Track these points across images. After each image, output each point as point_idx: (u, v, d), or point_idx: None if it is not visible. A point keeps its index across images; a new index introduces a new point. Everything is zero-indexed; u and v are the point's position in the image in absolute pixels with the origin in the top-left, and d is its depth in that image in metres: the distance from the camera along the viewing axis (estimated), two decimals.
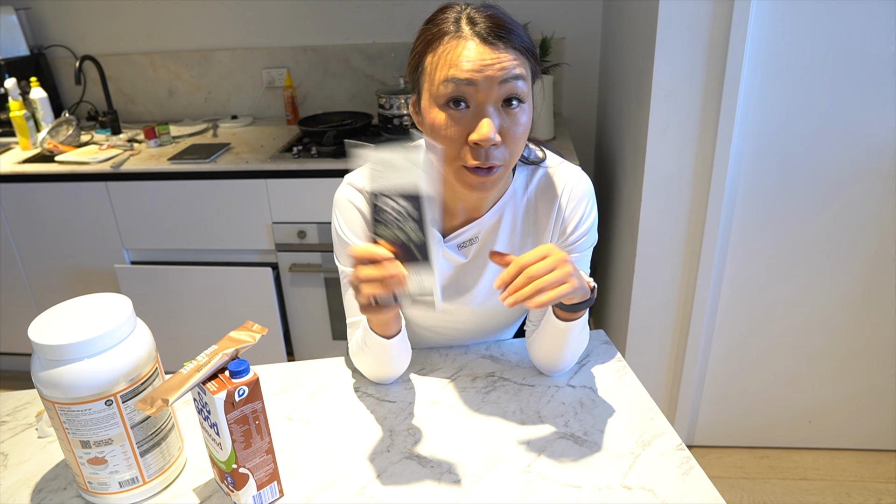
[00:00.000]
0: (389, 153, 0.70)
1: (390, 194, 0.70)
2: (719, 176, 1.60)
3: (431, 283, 0.73)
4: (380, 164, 0.70)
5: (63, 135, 2.30)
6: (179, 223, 2.14)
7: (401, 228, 0.71)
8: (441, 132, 0.81)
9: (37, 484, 0.83)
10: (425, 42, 0.83)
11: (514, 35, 0.80)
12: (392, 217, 0.71)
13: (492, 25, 0.79)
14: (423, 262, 0.72)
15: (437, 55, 0.81)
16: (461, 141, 0.81)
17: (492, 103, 0.79)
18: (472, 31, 0.79)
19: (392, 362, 0.94)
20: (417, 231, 0.71)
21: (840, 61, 1.49)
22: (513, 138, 0.82)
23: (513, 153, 0.83)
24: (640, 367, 1.92)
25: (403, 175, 0.70)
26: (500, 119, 0.80)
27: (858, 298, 1.75)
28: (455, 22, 0.81)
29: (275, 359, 2.27)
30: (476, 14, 0.80)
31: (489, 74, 0.78)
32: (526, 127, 0.83)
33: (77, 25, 2.57)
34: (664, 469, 0.81)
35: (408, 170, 0.70)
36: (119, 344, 0.73)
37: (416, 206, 0.70)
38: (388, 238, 0.72)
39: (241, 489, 0.75)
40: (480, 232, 0.96)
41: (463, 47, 0.79)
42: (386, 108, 2.19)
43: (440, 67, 0.80)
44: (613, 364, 1.03)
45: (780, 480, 1.86)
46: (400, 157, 0.70)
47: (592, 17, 2.34)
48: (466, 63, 0.78)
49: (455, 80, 0.78)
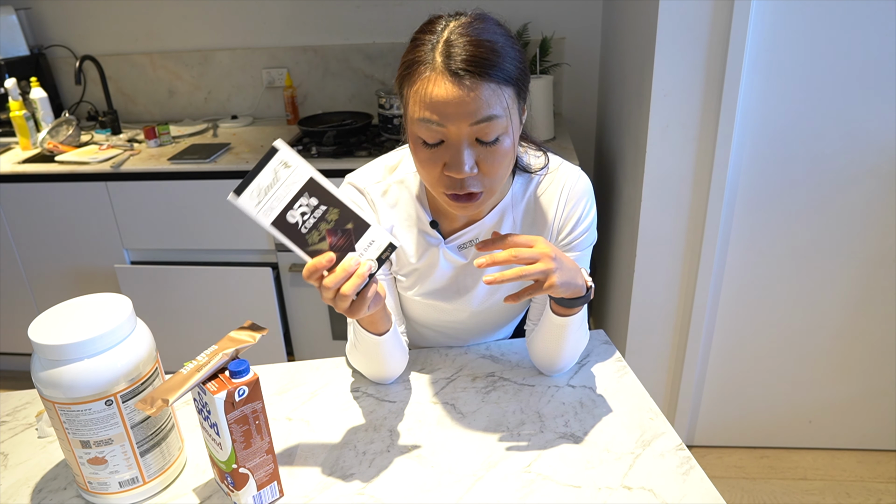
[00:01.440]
0: (255, 181, 0.70)
1: (287, 207, 0.71)
2: (719, 176, 1.60)
3: (381, 235, 0.73)
4: (258, 195, 0.70)
5: (63, 135, 2.30)
6: (179, 223, 2.14)
7: (322, 220, 0.72)
8: (419, 160, 0.82)
9: (37, 484, 0.83)
10: (405, 66, 0.81)
11: (490, 67, 0.75)
12: (306, 222, 0.71)
13: (467, 58, 0.74)
14: (361, 228, 0.73)
15: (413, 88, 0.79)
16: (438, 171, 0.81)
17: (465, 138, 0.78)
18: (444, 65, 0.75)
19: (385, 360, 0.94)
20: (333, 210, 0.72)
21: (840, 61, 1.49)
22: (491, 168, 0.81)
23: (493, 179, 0.82)
24: (640, 367, 1.92)
25: (281, 183, 0.70)
26: (476, 151, 0.80)
27: (858, 298, 1.75)
28: (431, 49, 0.77)
29: (275, 359, 2.27)
30: (456, 39, 0.76)
31: (459, 117, 0.76)
32: (506, 155, 0.81)
33: (77, 25, 2.57)
34: (664, 469, 0.81)
35: (278, 175, 0.70)
36: (119, 344, 0.73)
37: (313, 192, 0.71)
38: (321, 239, 0.72)
39: (241, 489, 0.75)
40: (481, 234, 0.97)
41: (433, 83, 0.76)
42: (386, 108, 2.19)
43: (413, 104, 0.79)
44: (613, 364, 1.03)
45: (780, 480, 1.86)
46: (266, 173, 0.70)
47: (592, 17, 2.34)
48: (436, 104, 0.76)
49: (426, 122, 0.78)
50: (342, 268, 0.71)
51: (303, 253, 0.72)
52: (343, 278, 0.71)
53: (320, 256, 0.72)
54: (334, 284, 0.71)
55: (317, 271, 0.72)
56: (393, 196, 0.97)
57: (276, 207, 0.70)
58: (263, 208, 0.70)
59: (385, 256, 0.74)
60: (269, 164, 0.70)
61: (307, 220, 0.71)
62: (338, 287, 0.72)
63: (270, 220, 0.71)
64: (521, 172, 0.97)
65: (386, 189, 0.97)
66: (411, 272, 0.99)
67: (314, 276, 0.72)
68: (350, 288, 0.71)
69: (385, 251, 0.74)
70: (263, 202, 0.70)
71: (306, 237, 0.72)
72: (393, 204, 0.97)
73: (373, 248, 0.73)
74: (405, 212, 0.96)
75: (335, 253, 0.72)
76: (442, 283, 0.99)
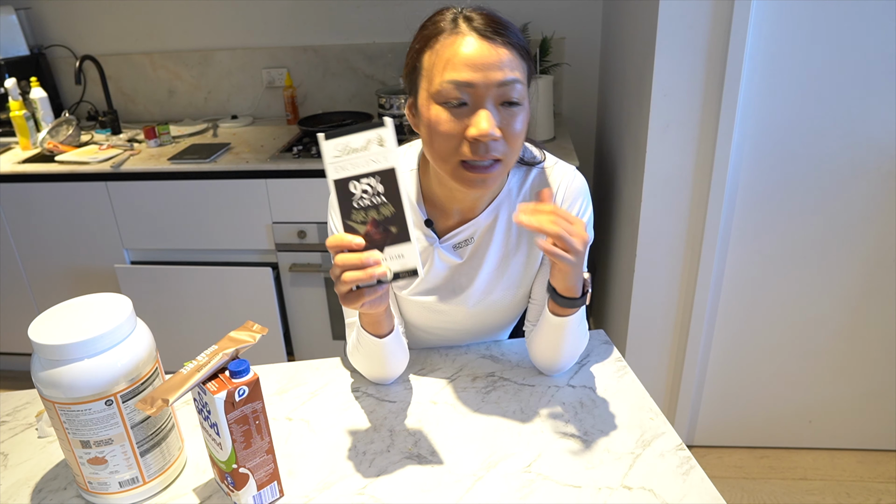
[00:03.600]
0: (348, 137, 0.70)
1: (357, 177, 0.70)
2: (719, 176, 1.60)
3: (412, 256, 0.72)
4: (340, 150, 0.70)
5: (63, 135, 2.30)
6: (179, 223, 2.14)
7: (373, 208, 0.71)
8: (440, 128, 0.82)
9: (37, 484, 0.83)
10: (423, 40, 0.84)
11: (510, 32, 0.81)
12: (362, 199, 0.71)
13: (488, 21, 0.80)
14: (401, 237, 0.72)
15: (435, 52, 0.81)
16: (459, 137, 0.81)
17: (490, 100, 0.80)
18: (469, 27, 0.80)
19: (387, 362, 0.94)
20: (390, 206, 0.71)
21: (840, 61, 1.49)
22: (511, 135, 0.82)
23: (512, 149, 0.83)
24: (640, 367, 1.92)
25: (366, 155, 0.70)
26: (499, 116, 0.81)
27: (858, 298, 1.75)
28: (452, 21, 0.82)
29: (275, 359, 2.27)
30: (472, 13, 0.82)
31: (488, 76, 0.78)
32: (523, 126, 0.83)
33: (77, 25, 2.57)
34: (664, 469, 0.81)
35: (370, 146, 0.70)
36: (119, 344, 0.73)
37: (385, 181, 0.70)
38: (362, 221, 0.72)
39: (242, 489, 0.75)
40: (476, 232, 0.96)
41: (461, 43, 0.79)
42: (386, 108, 2.19)
43: (438, 65, 0.81)
44: (613, 364, 1.03)
45: (780, 480, 1.86)
46: (360, 138, 0.70)
47: (592, 17, 2.34)
48: (466, 63, 0.78)
49: (454, 82, 0.79)
50: (359, 256, 0.71)
51: (340, 222, 0.72)
52: (354, 265, 0.71)
53: (352, 236, 0.71)
54: (343, 265, 0.71)
55: (340, 246, 0.71)
56: None
57: (348, 170, 0.70)
58: (338, 164, 0.70)
59: (403, 276, 0.73)
60: (368, 132, 0.70)
61: (364, 198, 0.71)
62: (344, 269, 0.71)
63: (335, 177, 0.71)
64: (518, 167, 0.97)
65: None
66: None
67: (335, 249, 0.72)
68: (352, 277, 0.71)
69: (406, 271, 0.73)
70: (342, 158, 0.70)
71: (353, 212, 0.71)
72: None
73: (398, 261, 0.72)
74: None
75: (366, 241, 0.72)
76: (436, 282, 0.99)
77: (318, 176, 2.02)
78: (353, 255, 0.71)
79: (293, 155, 2.08)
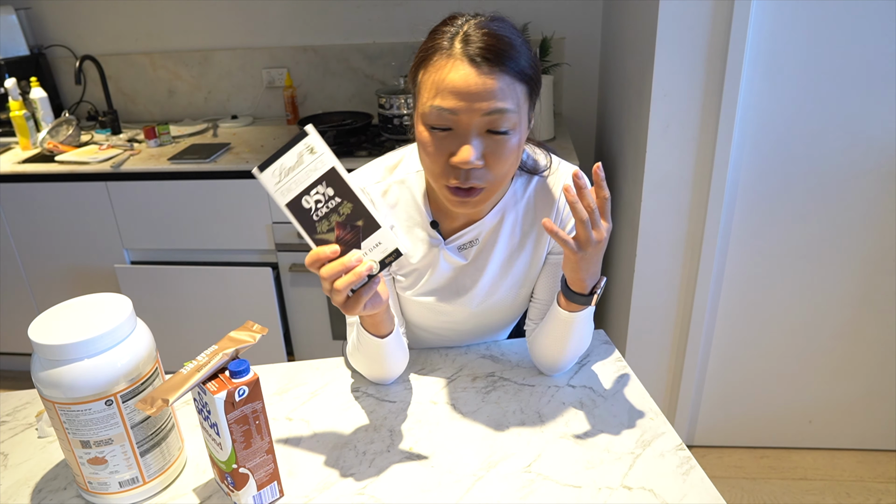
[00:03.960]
0: (280, 160, 0.70)
1: (304, 191, 0.71)
2: (719, 176, 1.60)
3: (388, 239, 0.73)
4: (277, 174, 0.70)
5: (63, 135, 2.30)
6: (179, 223, 2.14)
7: (333, 212, 0.72)
8: (425, 149, 0.82)
9: (37, 484, 0.83)
10: (422, 54, 0.82)
11: (507, 59, 0.77)
12: (319, 210, 0.71)
13: (485, 47, 0.76)
14: (370, 227, 0.72)
15: (428, 73, 0.80)
16: (444, 160, 0.81)
17: (474, 129, 0.79)
18: (463, 51, 0.77)
19: (387, 362, 0.94)
20: (347, 204, 0.71)
21: (840, 61, 1.49)
22: (497, 162, 0.81)
23: (497, 175, 0.83)
24: (640, 367, 1.92)
25: (303, 168, 0.70)
26: (484, 144, 0.80)
27: (858, 298, 1.75)
28: (450, 38, 0.79)
29: (275, 359, 2.27)
30: (474, 31, 0.78)
31: (472, 105, 0.77)
32: (513, 150, 0.82)
33: (77, 25, 2.57)
34: (664, 469, 0.81)
35: (303, 158, 0.70)
36: (119, 344, 0.73)
37: (331, 183, 0.71)
38: (329, 229, 0.72)
39: (241, 489, 0.75)
40: (481, 234, 0.97)
41: (450, 69, 0.77)
42: (386, 108, 2.19)
43: (427, 88, 0.80)
44: (613, 364, 1.03)
45: (780, 480, 1.86)
46: (290, 155, 0.70)
47: (592, 17, 2.34)
48: (452, 90, 0.77)
49: (439, 109, 0.78)
50: (341, 262, 0.71)
51: (310, 239, 0.73)
52: (339, 271, 0.71)
53: (325, 246, 0.72)
54: (329, 276, 0.72)
55: (318, 260, 0.72)
56: (393, 196, 0.96)
57: (294, 189, 0.71)
58: (282, 188, 0.71)
59: (389, 261, 0.73)
60: (296, 147, 0.70)
61: (320, 208, 0.71)
62: (333, 279, 0.72)
63: (286, 201, 0.71)
64: (522, 172, 0.97)
65: (386, 189, 0.96)
66: (410, 272, 0.99)
67: (315, 265, 0.73)
68: (343, 284, 0.71)
69: (389, 255, 0.73)
70: (283, 182, 0.70)
71: (316, 225, 0.72)
72: (393, 204, 0.97)
73: (378, 249, 0.73)
74: (405, 212, 0.96)
75: (341, 246, 0.72)
76: (441, 283, 0.99)
77: None
78: (335, 263, 0.72)
79: None
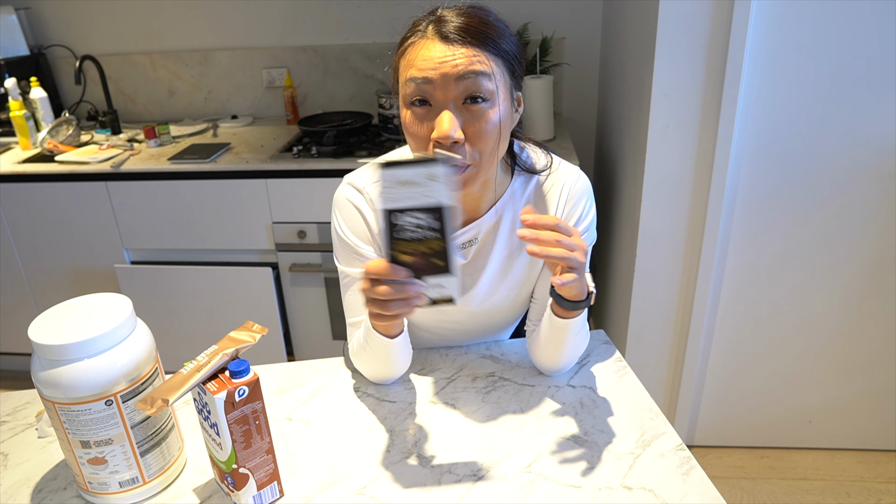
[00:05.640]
0: (402, 170, 0.69)
1: (407, 210, 0.70)
2: (719, 176, 1.60)
3: (453, 287, 0.73)
4: (392, 181, 0.69)
5: (63, 135, 2.30)
6: (179, 223, 2.14)
7: (421, 241, 0.71)
8: (409, 130, 0.84)
9: (37, 484, 0.83)
10: (399, 46, 0.86)
11: (478, 34, 0.79)
12: (411, 232, 0.70)
13: (459, 25, 0.79)
14: (444, 270, 0.72)
15: (404, 57, 0.83)
16: (426, 139, 0.82)
17: (451, 100, 0.80)
18: (434, 31, 0.81)
19: (393, 362, 0.94)
20: (439, 241, 0.71)
21: (840, 61, 1.49)
22: (478, 136, 0.81)
23: (482, 151, 0.82)
24: (640, 367, 1.92)
25: (420, 190, 0.69)
26: (462, 117, 0.80)
27: (858, 298, 1.75)
28: (426, 24, 0.83)
29: (275, 359, 2.27)
30: (448, 13, 0.82)
31: (444, 72, 0.78)
32: (495, 125, 0.82)
33: (77, 25, 2.57)
34: (664, 469, 0.81)
35: (424, 184, 0.69)
36: (119, 344, 0.73)
37: (436, 217, 0.70)
38: (409, 252, 0.71)
39: (242, 489, 0.75)
40: (480, 233, 0.96)
41: (422, 47, 0.81)
42: (386, 108, 2.19)
43: (403, 69, 0.83)
44: (613, 364, 1.03)
45: (780, 480, 1.86)
46: (414, 172, 0.69)
47: (592, 17, 2.34)
48: (423, 62, 0.79)
49: (414, 80, 0.80)
50: (403, 290, 0.70)
51: (386, 250, 0.71)
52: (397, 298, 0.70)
53: (399, 268, 0.70)
54: (381, 296, 0.71)
55: (383, 275, 0.70)
56: None
57: (398, 202, 0.69)
58: (391, 195, 0.69)
59: (440, 304, 0.73)
60: (421, 167, 0.68)
61: (412, 231, 0.70)
62: (385, 300, 0.71)
63: (387, 207, 0.70)
64: (521, 172, 0.97)
65: None
66: None
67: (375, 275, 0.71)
68: (395, 311, 0.71)
69: (443, 300, 0.73)
70: (395, 190, 0.69)
71: (400, 242, 0.71)
72: None
73: (437, 289, 0.72)
74: None
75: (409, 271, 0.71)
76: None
77: (318, 176, 2.02)
78: (397, 288, 0.70)
79: (293, 155, 2.08)
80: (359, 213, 0.95)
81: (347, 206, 0.96)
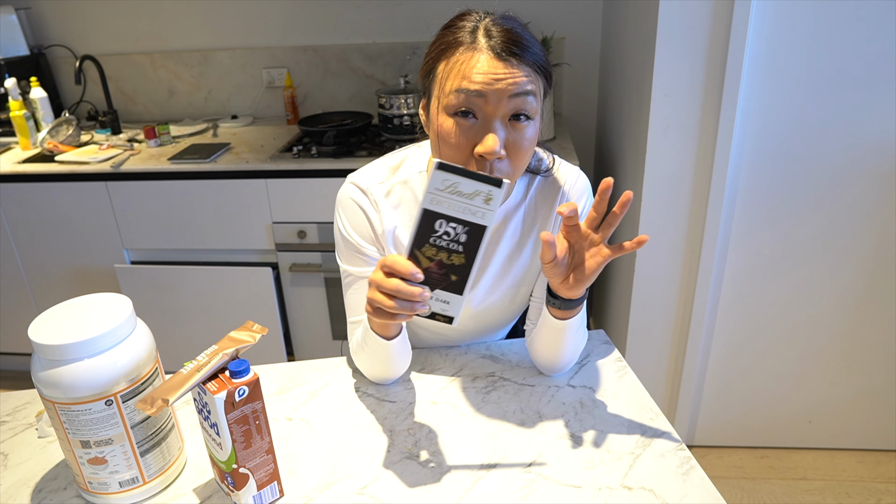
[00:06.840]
0: (460, 178, 0.68)
1: (447, 217, 0.69)
2: (719, 176, 1.60)
3: (456, 308, 0.72)
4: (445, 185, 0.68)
5: (63, 135, 2.30)
6: (179, 223, 2.14)
7: (447, 251, 0.70)
8: (448, 140, 0.82)
9: (37, 484, 0.83)
10: (440, 49, 0.83)
11: (528, 52, 0.79)
12: (441, 239, 0.70)
13: (507, 41, 0.79)
14: (456, 288, 0.71)
15: (450, 64, 0.81)
16: (467, 151, 0.81)
17: (499, 117, 0.79)
18: (487, 44, 0.79)
19: (392, 363, 0.94)
20: (463, 258, 0.70)
21: (840, 61, 1.49)
22: (517, 152, 0.82)
23: (516, 167, 0.83)
24: (640, 367, 1.92)
25: (469, 204, 0.68)
26: (507, 133, 0.80)
27: (858, 298, 1.75)
28: (472, 32, 0.80)
29: (275, 359, 2.27)
30: (493, 27, 0.80)
31: (499, 88, 0.78)
32: (532, 142, 0.83)
33: (77, 25, 2.57)
34: (664, 469, 0.81)
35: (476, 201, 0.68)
36: (119, 344, 0.73)
37: (472, 236, 0.69)
38: (430, 257, 0.71)
39: (242, 489, 0.75)
40: None
41: (476, 59, 0.79)
42: (386, 108, 2.19)
43: (452, 76, 0.80)
44: (613, 364, 1.03)
45: (780, 480, 1.86)
46: (471, 185, 0.68)
47: (592, 17, 2.34)
48: (478, 75, 0.78)
49: (465, 91, 0.78)
50: (411, 290, 0.70)
51: (410, 248, 0.71)
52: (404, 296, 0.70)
53: (416, 268, 0.70)
54: (390, 290, 0.70)
55: (397, 271, 0.70)
56: (396, 197, 0.96)
57: (441, 207, 0.69)
58: (437, 197, 0.69)
59: (439, 319, 0.73)
60: (481, 184, 0.68)
61: (442, 239, 0.70)
62: (388, 294, 0.71)
63: (428, 207, 0.69)
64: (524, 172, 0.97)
65: (389, 189, 0.96)
66: None
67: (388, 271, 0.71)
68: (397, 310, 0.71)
69: (443, 317, 0.73)
70: (444, 194, 0.69)
71: (425, 245, 0.71)
72: (396, 205, 0.97)
73: (441, 304, 0.72)
74: (408, 212, 0.96)
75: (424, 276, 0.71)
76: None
77: (317, 176, 2.02)
78: (406, 287, 0.70)
79: (293, 155, 2.08)
80: (362, 212, 0.96)
81: (351, 206, 0.96)
